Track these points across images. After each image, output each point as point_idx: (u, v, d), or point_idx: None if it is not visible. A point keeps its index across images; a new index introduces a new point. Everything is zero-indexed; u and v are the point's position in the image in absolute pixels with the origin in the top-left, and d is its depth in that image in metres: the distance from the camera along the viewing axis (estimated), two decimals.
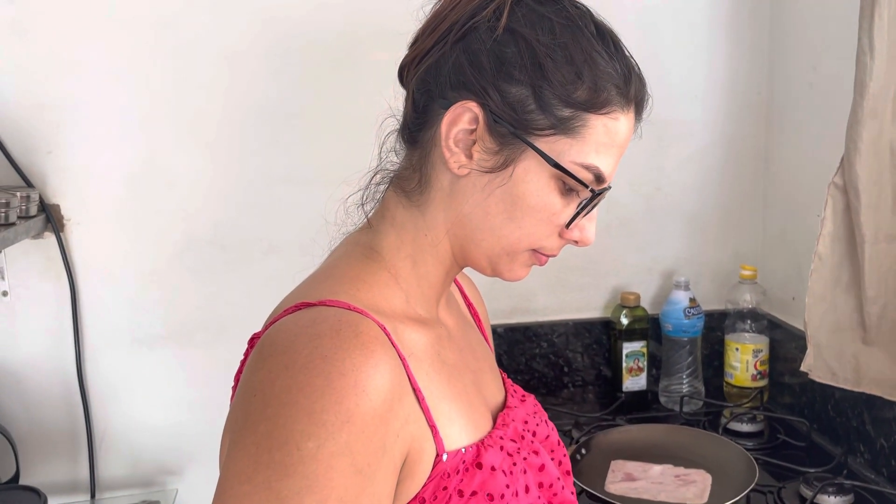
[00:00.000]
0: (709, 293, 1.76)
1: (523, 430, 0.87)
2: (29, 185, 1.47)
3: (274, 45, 1.52)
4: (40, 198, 1.46)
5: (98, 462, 1.57)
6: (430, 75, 0.77)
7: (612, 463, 1.35)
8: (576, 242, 0.81)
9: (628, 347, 1.68)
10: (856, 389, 1.29)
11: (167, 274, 1.55)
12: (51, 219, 1.47)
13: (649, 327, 1.70)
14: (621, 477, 1.31)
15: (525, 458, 0.81)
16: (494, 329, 1.68)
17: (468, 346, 0.91)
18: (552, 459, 0.89)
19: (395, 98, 0.85)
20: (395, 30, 0.86)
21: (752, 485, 1.24)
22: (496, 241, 0.79)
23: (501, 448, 0.78)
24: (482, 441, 0.77)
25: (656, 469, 1.33)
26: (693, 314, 1.65)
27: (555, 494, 0.84)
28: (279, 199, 1.57)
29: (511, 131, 0.74)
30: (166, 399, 1.59)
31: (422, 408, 0.71)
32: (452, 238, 0.80)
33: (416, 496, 0.70)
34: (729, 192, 1.74)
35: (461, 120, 0.75)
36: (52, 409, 1.55)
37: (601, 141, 0.76)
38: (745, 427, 1.52)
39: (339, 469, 0.62)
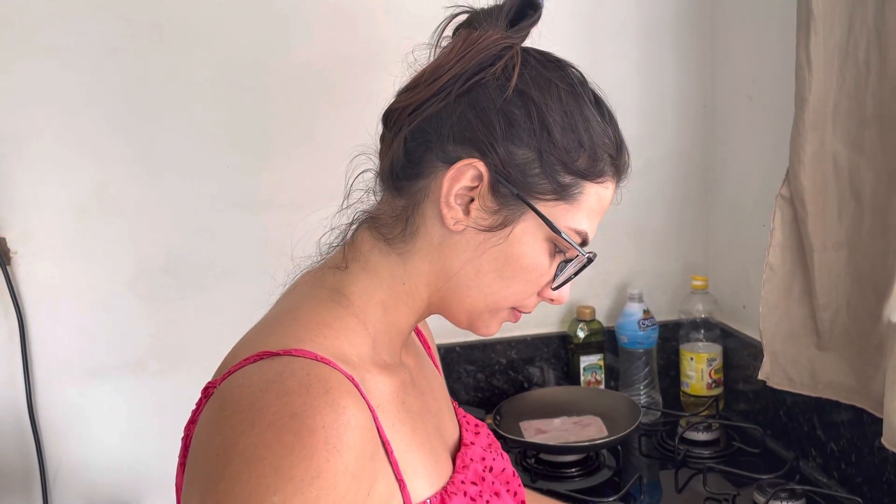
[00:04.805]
0: (662, 304, 1.78)
1: (482, 468, 0.86)
2: None
3: (224, 72, 1.52)
4: None
5: (52, 498, 1.54)
6: (431, 126, 0.75)
7: (521, 423, 1.55)
8: (551, 301, 0.82)
9: (586, 360, 1.70)
10: (812, 394, 1.31)
11: (119, 303, 1.53)
12: None
13: (605, 340, 1.72)
14: (534, 432, 1.52)
15: (488, 501, 0.80)
16: (453, 347, 1.68)
17: (428, 387, 0.89)
18: (507, 491, 0.88)
19: (371, 138, 0.83)
20: (352, 60, 0.86)
21: (638, 419, 1.47)
22: (482, 298, 0.78)
23: (465, 494, 0.78)
24: (445, 489, 0.76)
25: (556, 421, 1.55)
26: (647, 325, 1.67)
27: None
28: (231, 225, 1.55)
29: (515, 193, 0.74)
30: (121, 430, 1.57)
31: (390, 461, 0.70)
32: (433, 290, 0.79)
33: None
34: (677, 205, 1.77)
35: (464, 177, 0.74)
36: (3, 445, 1.52)
37: (592, 207, 0.78)
38: (702, 436, 1.54)
39: None
